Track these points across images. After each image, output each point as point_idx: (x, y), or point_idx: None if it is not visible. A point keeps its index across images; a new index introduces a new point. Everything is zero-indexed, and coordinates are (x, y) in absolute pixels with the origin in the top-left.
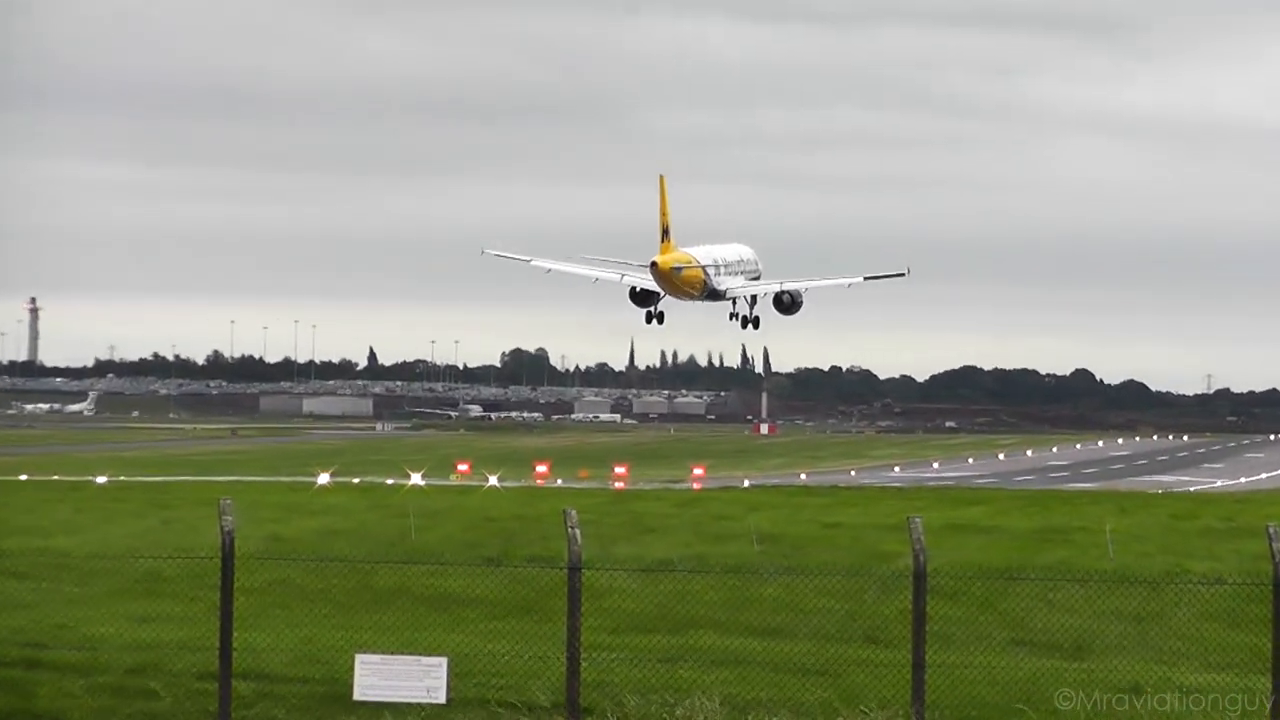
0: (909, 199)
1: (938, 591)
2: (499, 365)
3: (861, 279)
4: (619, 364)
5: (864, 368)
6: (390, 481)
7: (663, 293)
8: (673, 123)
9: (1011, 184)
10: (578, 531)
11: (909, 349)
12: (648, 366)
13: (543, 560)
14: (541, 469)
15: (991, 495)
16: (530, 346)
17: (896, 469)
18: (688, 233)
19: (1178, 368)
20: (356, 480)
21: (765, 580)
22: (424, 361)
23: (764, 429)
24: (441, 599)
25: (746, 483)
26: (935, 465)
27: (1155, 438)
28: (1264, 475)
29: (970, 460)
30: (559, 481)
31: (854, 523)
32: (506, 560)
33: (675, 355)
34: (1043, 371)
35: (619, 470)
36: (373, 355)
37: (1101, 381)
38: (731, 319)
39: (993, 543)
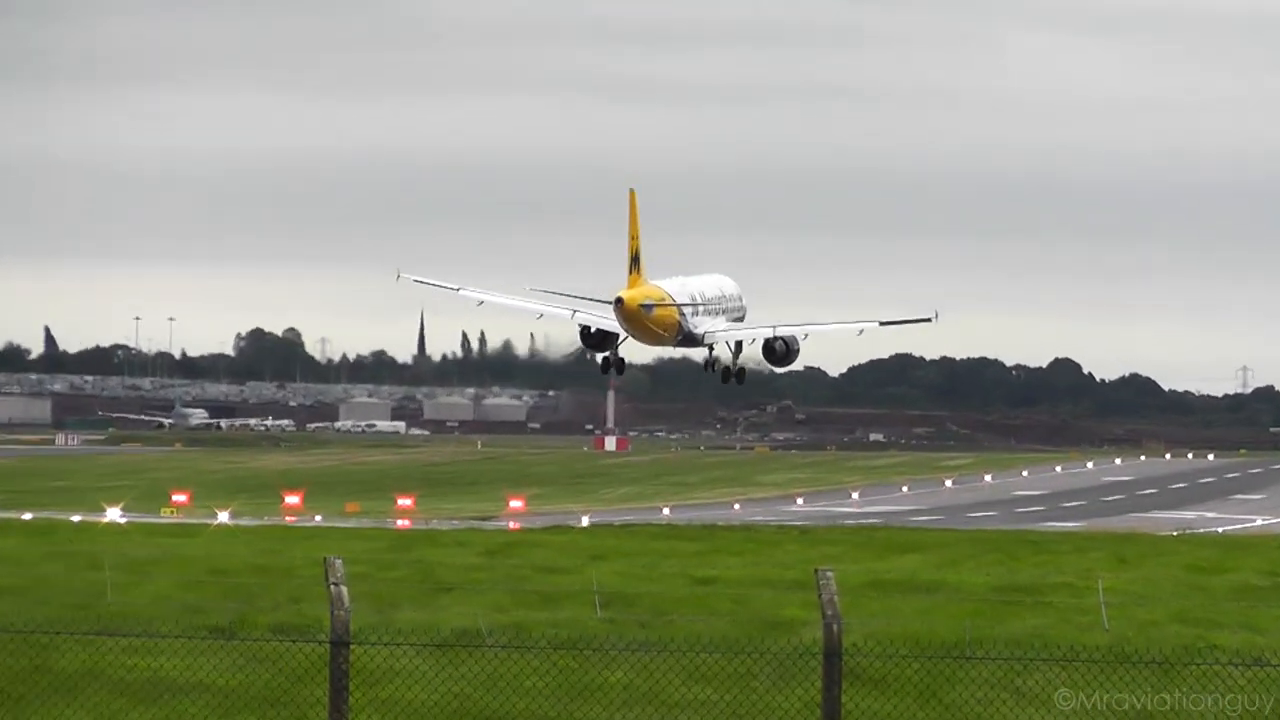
0: (813, 114)
1: (858, 676)
2: (232, 353)
3: (877, 324)
4: (404, 351)
5: (754, 357)
6: (77, 518)
7: (624, 335)
8: (474, 10)
9: (955, 95)
10: (344, 590)
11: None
12: (446, 355)
13: (294, 631)
14: (292, 500)
15: (935, 538)
16: (277, 327)
17: (799, 501)
18: (469, 174)
19: (1200, 358)
20: (27, 516)
21: (613, 660)
22: (125, 348)
23: (611, 443)
24: (149, 686)
25: (586, 520)
26: (855, 495)
27: (1168, 456)
28: None
29: (905, 489)
30: (317, 518)
31: (739, 577)
32: (242, 630)
33: (484, 339)
34: (1008, 362)
35: (403, 503)
36: (50, 339)
37: (1091, 376)
38: (708, 368)
39: (936, 606)
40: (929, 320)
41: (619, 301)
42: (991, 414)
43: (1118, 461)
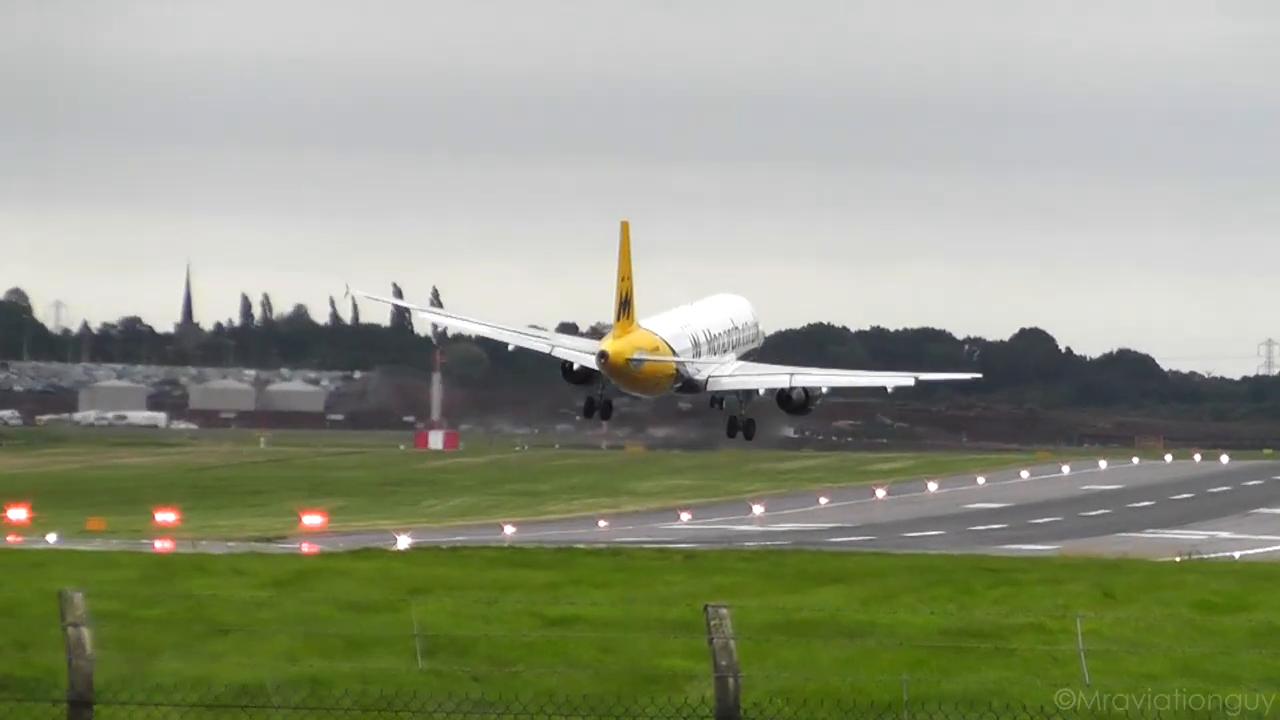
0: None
1: None
2: None
3: (912, 380)
4: (165, 319)
5: None
6: None
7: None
8: None
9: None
10: (86, 633)
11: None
12: (220, 325)
13: (20, 687)
14: (16, 515)
15: (863, 565)
16: None
17: (684, 516)
18: None
19: (1211, 331)
20: None
21: None
22: None
23: (437, 440)
24: None
25: (405, 542)
26: (757, 509)
27: (1169, 458)
28: None
29: (823, 500)
30: (50, 538)
31: (605, 617)
32: None
33: (268, 304)
34: (958, 334)
35: (163, 518)
36: None
37: (1069, 353)
38: (713, 405)
39: (865, 655)
40: (978, 377)
41: (603, 356)
42: (937, 402)
43: (1103, 465)
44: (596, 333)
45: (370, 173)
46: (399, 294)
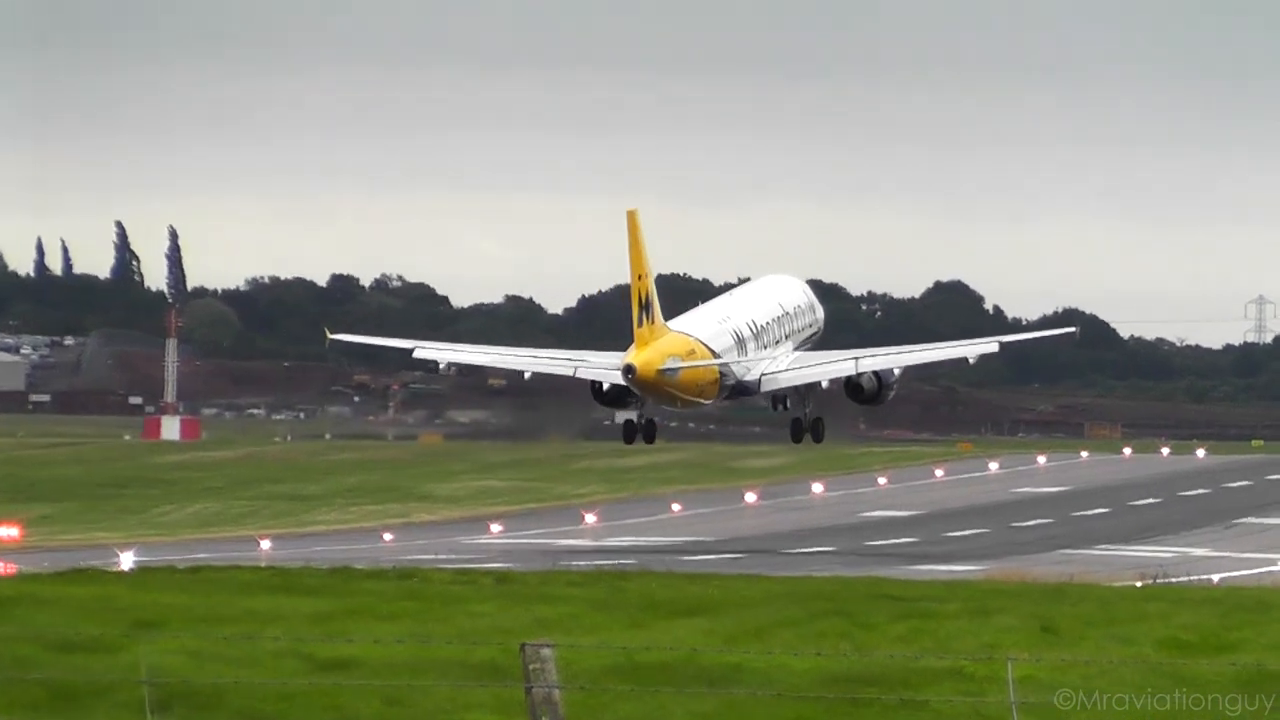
0: None
1: None
2: None
3: (996, 345)
4: None
5: (421, 281)
6: None
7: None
8: None
9: None
10: None
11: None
12: None
13: None
14: None
15: (729, 592)
16: None
17: (496, 527)
18: None
19: (1182, 284)
20: None
21: None
22: None
23: (172, 428)
24: None
25: (129, 559)
26: (590, 518)
27: (1128, 451)
28: None
29: (677, 507)
30: None
31: (384, 657)
32: None
33: None
34: (853, 290)
35: None
36: None
37: (998, 314)
38: (777, 408)
39: (733, 709)
40: (1073, 332)
41: (629, 371)
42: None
43: (1042, 460)
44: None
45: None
46: (175, 253)
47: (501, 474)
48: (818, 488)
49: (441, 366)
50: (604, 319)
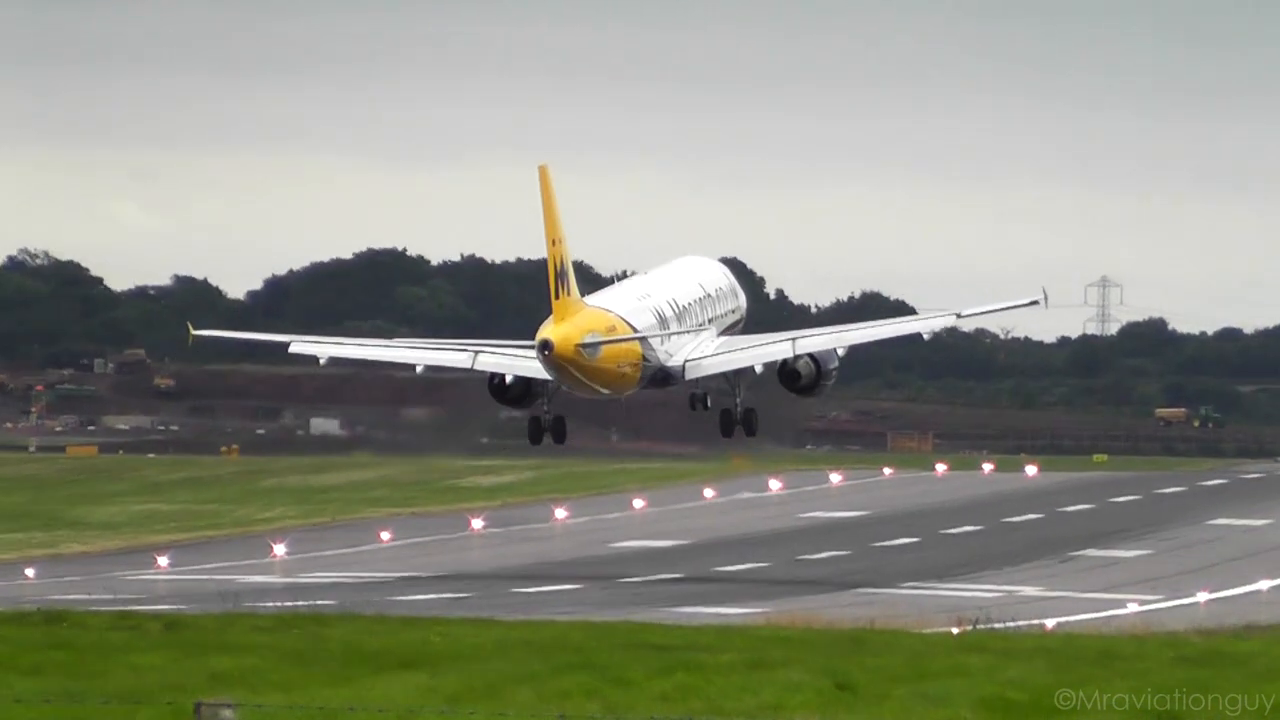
0: None
1: None
2: None
3: (953, 317)
4: None
5: (71, 259)
6: None
7: (560, 383)
8: None
9: None
10: None
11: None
12: None
13: None
14: None
15: (452, 639)
16: None
17: (163, 560)
18: None
19: (1009, 264)
20: None
21: None
22: None
23: None
24: None
25: None
26: (278, 549)
27: (942, 469)
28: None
29: (385, 535)
30: None
31: None
32: None
33: None
34: (604, 271)
35: None
36: None
37: (782, 299)
38: (695, 407)
39: None
40: (1035, 303)
41: (545, 346)
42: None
43: (835, 478)
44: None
45: None
46: None
47: (170, 494)
48: (561, 512)
49: (322, 361)
50: (297, 304)
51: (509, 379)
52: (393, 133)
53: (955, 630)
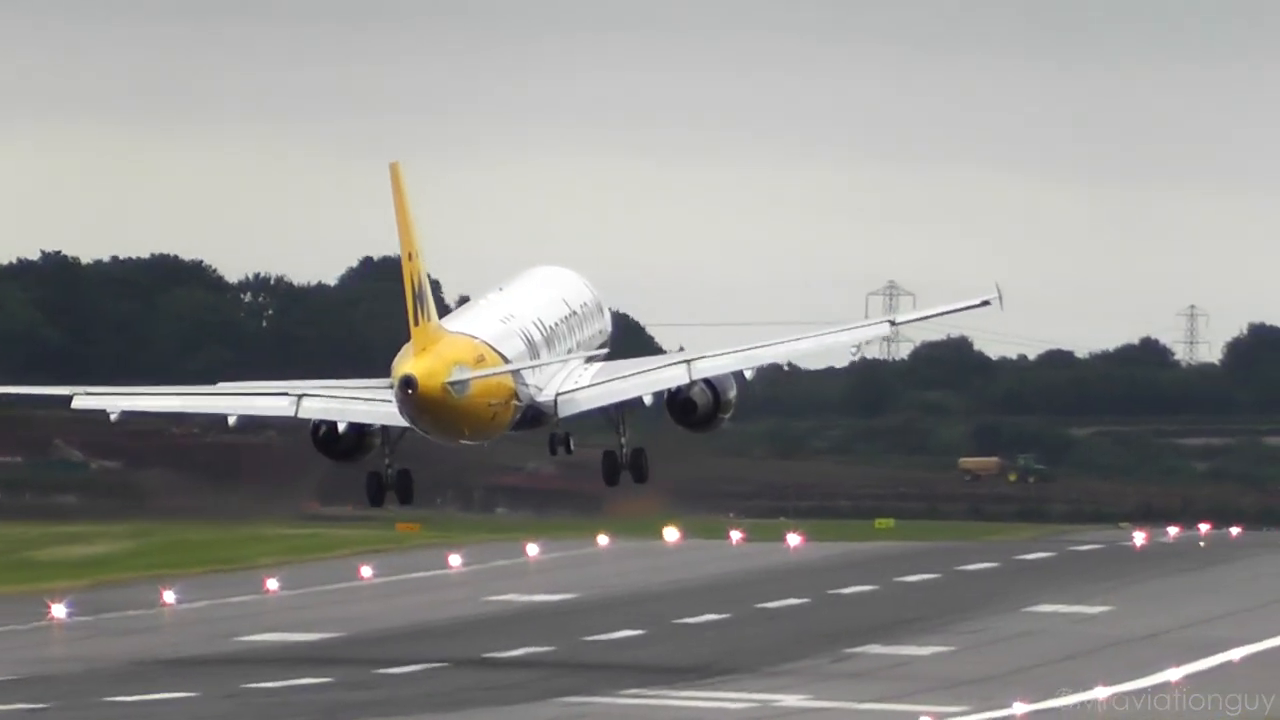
0: None
1: None
2: None
3: (886, 325)
4: None
5: None
6: None
7: (418, 428)
8: None
9: None
10: None
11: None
12: None
13: None
14: None
15: None
16: None
17: None
18: None
19: (761, 260)
20: None
21: None
22: None
23: None
24: None
25: None
26: None
27: (674, 535)
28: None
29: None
30: None
31: None
32: None
33: None
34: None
35: None
36: None
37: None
38: (555, 451)
39: None
40: (986, 304)
41: (408, 384)
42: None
43: (533, 551)
44: None
45: None
46: None
47: None
48: (170, 594)
49: (113, 417)
50: None
51: (341, 428)
52: None
53: None
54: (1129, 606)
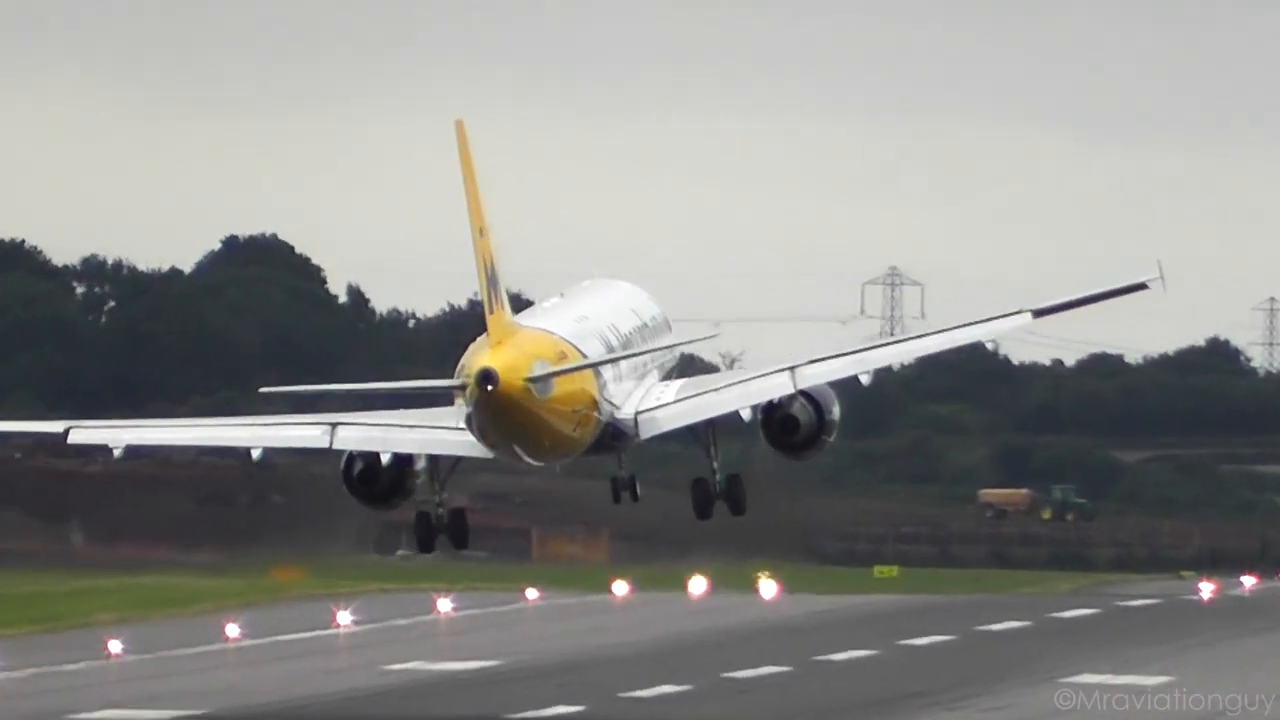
0: None
1: None
2: None
3: (1028, 315)
4: None
5: None
6: None
7: (493, 452)
8: None
9: None
10: None
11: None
12: None
13: None
14: None
15: None
16: None
17: None
18: None
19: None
20: None
21: None
22: None
23: None
24: None
25: None
26: None
27: (623, 589)
28: None
29: None
30: None
31: None
32: None
33: None
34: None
35: None
36: None
37: (353, 299)
38: (620, 497)
39: None
40: (1145, 287)
41: (486, 379)
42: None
43: (446, 607)
44: None
45: None
46: None
47: None
48: None
49: (116, 453)
50: None
51: (385, 459)
52: None
53: None
54: (1192, 677)
